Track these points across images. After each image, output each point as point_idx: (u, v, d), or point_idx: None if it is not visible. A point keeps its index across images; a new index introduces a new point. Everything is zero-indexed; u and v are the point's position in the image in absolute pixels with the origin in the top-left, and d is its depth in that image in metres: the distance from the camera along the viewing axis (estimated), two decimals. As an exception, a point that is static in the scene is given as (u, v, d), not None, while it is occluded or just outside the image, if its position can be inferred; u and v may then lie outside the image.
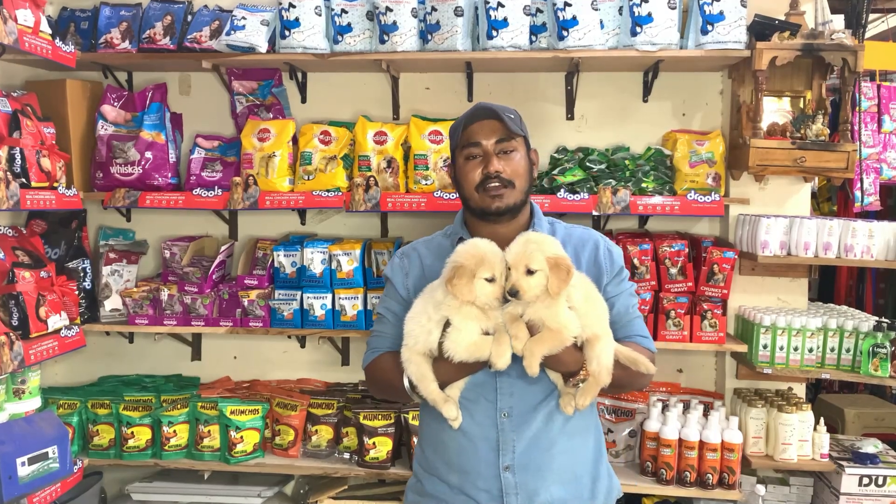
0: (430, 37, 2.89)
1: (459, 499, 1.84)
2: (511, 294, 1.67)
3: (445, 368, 1.74)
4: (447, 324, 1.72)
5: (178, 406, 3.07)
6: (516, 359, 1.77)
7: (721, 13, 2.79)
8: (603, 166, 3.04)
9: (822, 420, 2.89)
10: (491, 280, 1.69)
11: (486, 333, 1.72)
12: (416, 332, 1.76)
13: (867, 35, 3.39)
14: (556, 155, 3.14)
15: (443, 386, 1.77)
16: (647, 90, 3.17)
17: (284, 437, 3.09)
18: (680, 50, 2.85)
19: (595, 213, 2.91)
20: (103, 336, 3.41)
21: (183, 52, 3.03)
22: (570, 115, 3.19)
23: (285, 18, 2.92)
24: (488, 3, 2.81)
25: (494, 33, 2.83)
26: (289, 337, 3.30)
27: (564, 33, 2.80)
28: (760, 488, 2.81)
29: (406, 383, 1.78)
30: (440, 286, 1.75)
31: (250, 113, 3.24)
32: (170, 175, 3.15)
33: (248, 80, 3.25)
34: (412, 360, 1.76)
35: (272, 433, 3.14)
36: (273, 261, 3.12)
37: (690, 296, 2.93)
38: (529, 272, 1.67)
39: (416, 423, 2.92)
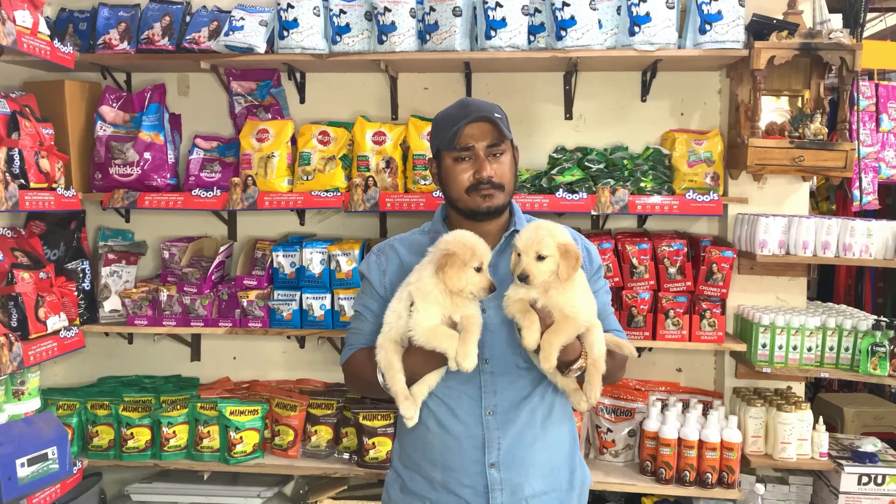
0: (428, 37, 2.89)
1: (443, 495, 1.85)
2: (521, 278, 1.68)
3: (413, 359, 1.73)
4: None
5: (178, 407, 3.07)
6: (500, 358, 1.80)
7: (719, 13, 2.79)
8: (601, 166, 3.04)
9: (821, 419, 2.89)
10: (478, 270, 1.70)
11: (454, 327, 1.70)
12: (390, 318, 1.76)
13: (865, 34, 3.39)
14: (554, 154, 3.14)
15: (413, 380, 1.75)
16: (645, 90, 3.17)
17: (284, 438, 3.09)
18: (678, 49, 2.85)
19: (594, 212, 2.91)
20: (102, 337, 3.41)
21: (181, 53, 3.03)
22: (568, 114, 3.20)
23: (284, 19, 2.92)
24: (486, 3, 2.81)
25: (493, 33, 2.83)
26: (288, 337, 3.30)
27: (563, 33, 2.81)
28: (760, 487, 2.82)
29: (379, 376, 1.76)
30: (417, 271, 1.75)
31: (249, 113, 3.25)
32: (168, 176, 3.15)
33: (246, 80, 3.25)
34: (384, 346, 1.74)
35: (272, 433, 3.14)
36: (272, 261, 3.12)
37: (689, 295, 2.93)
38: (540, 258, 1.69)
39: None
